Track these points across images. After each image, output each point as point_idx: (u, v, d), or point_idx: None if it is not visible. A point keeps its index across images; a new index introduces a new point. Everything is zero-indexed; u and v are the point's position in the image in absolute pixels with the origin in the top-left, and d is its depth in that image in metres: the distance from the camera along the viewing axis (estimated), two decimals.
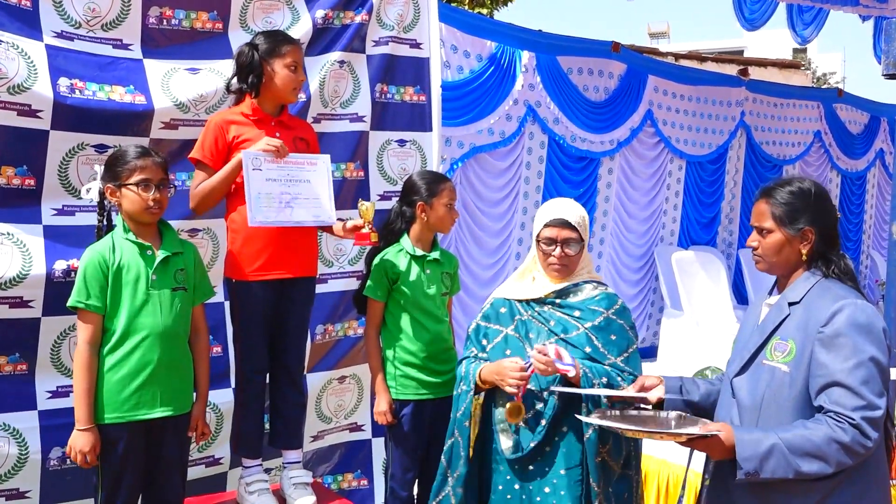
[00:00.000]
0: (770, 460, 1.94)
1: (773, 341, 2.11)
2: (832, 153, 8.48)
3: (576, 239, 2.54)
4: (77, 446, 2.52)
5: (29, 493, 3.09)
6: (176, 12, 3.36)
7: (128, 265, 2.57)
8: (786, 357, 2.06)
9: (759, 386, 2.10)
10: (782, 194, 2.15)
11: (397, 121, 3.88)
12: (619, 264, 6.82)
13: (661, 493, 3.81)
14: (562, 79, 6.07)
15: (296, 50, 3.00)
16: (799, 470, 1.94)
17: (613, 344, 2.52)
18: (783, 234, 2.14)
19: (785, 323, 2.11)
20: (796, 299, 2.11)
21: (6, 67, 2.93)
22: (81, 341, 2.54)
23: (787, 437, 1.95)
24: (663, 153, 6.98)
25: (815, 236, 2.12)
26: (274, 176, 2.84)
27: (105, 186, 2.62)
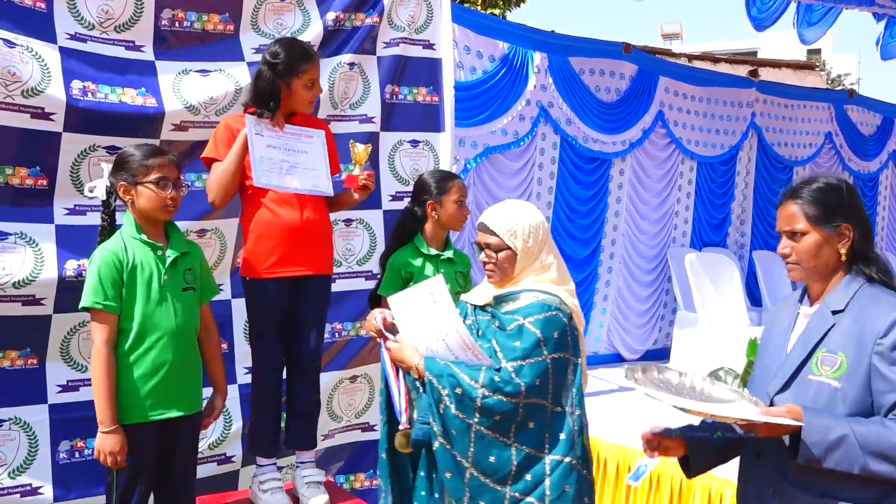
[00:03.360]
0: (837, 451, 1.79)
1: (819, 354, 1.92)
2: (843, 154, 8.37)
3: (497, 244, 2.33)
4: (105, 448, 2.47)
5: (42, 490, 3.09)
6: (188, 14, 3.34)
7: (141, 265, 2.53)
8: (836, 371, 1.88)
9: (805, 403, 1.90)
10: (812, 192, 1.98)
11: (409, 121, 3.84)
12: (632, 265, 6.75)
13: (675, 496, 3.75)
14: (574, 79, 6.02)
15: (314, 67, 2.93)
16: (866, 468, 1.78)
17: (512, 349, 2.24)
18: (819, 234, 1.96)
19: (831, 333, 1.92)
20: (840, 307, 1.93)
21: (20, 71, 2.93)
22: (99, 342, 2.48)
23: (862, 430, 1.79)
24: (675, 154, 6.91)
25: (854, 233, 1.95)
26: (274, 143, 2.84)
27: (119, 184, 2.57)
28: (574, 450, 2.25)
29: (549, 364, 2.23)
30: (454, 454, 2.21)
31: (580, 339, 2.35)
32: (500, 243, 2.32)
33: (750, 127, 7.44)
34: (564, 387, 2.27)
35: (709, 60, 9.25)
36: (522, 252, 2.32)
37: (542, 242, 2.35)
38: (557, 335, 2.24)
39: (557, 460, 2.22)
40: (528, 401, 2.20)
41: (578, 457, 2.25)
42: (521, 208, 2.38)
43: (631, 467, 3.95)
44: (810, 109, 8.01)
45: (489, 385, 2.18)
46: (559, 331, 2.25)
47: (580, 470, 2.25)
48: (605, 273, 6.58)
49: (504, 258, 2.33)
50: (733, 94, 7.25)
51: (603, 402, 5.13)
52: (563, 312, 2.28)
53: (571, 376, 2.28)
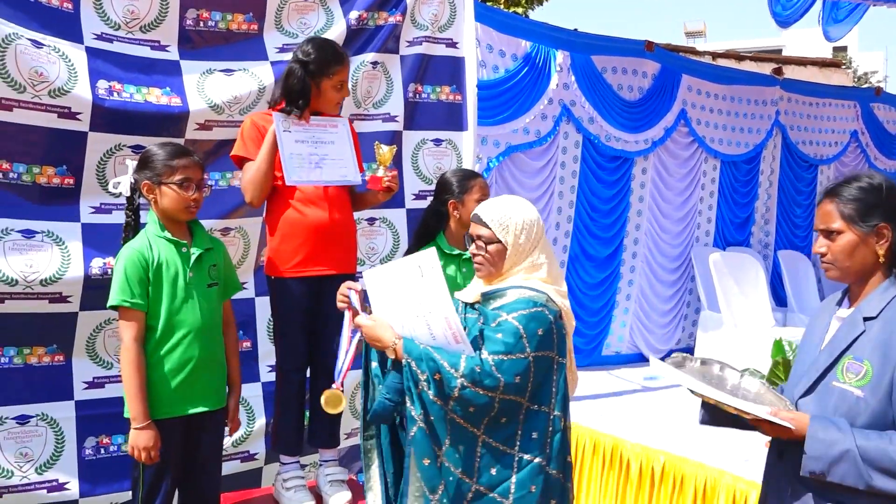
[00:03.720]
0: (840, 465, 1.77)
1: (846, 361, 1.88)
2: (869, 153, 8.24)
3: (488, 237, 2.26)
4: (139, 444, 2.48)
5: (68, 485, 3.11)
6: (212, 14, 3.35)
7: (166, 262, 2.54)
8: (860, 380, 1.84)
9: (827, 410, 1.88)
10: (850, 191, 1.93)
11: (433, 120, 3.84)
12: (655, 265, 6.69)
13: (699, 497, 3.71)
14: (596, 78, 5.97)
15: (344, 69, 2.94)
16: (870, 483, 1.76)
17: (494, 342, 2.16)
18: (855, 234, 1.90)
19: (859, 340, 1.87)
20: (873, 314, 1.87)
21: (47, 71, 2.96)
22: (128, 339, 2.49)
23: (866, 446, 1.76)
24: (697, 153, 6.84)
25: (893, 233, 1.89)
26: (301, 138, 2.84)
27: (142, 183, 2.58)
28: (546, 451, 2.19)
29: (532, 361, 2.15)
30: (431, 441, 2.15)
31: (568, 339, 2.28)
32: (492, 236, 2.25)
33: (774, 125, 7.34)
34: (545, 386, 2.20)
35: (733, 58, 9.16)
36: (513, 247, 2.25)
37: (534, 240, 2.28)
38: (542, 332, 2.17)
39: (527, 459, 2.17)
40: (504, 396, 2.13)
41: (551, 458, 2.20)
42: (516, 204, 2.32)
43: (655, 468, 3.91)
44: (835, 108, 7.90)
45: (469, 375, 2.11)
46: (544, 328, 2.18)
47: (550, 472, 2.19)
48: (628, 272, 6.53)
49: (494, 252, 2.26)
50: (757, 92, 7.16)
51: (625, 402, 5.09)
52: (549, 310, 2.20)
53: (555, 376, 2.22)
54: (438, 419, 2.15)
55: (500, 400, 2.14)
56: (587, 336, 6.25)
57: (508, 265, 2.26)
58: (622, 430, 4.29)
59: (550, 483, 2.19)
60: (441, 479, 2.16)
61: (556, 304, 2.24)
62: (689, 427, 4.29)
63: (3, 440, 3.00)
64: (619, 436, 4.20)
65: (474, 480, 2.16)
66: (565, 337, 2.26)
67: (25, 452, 3.03)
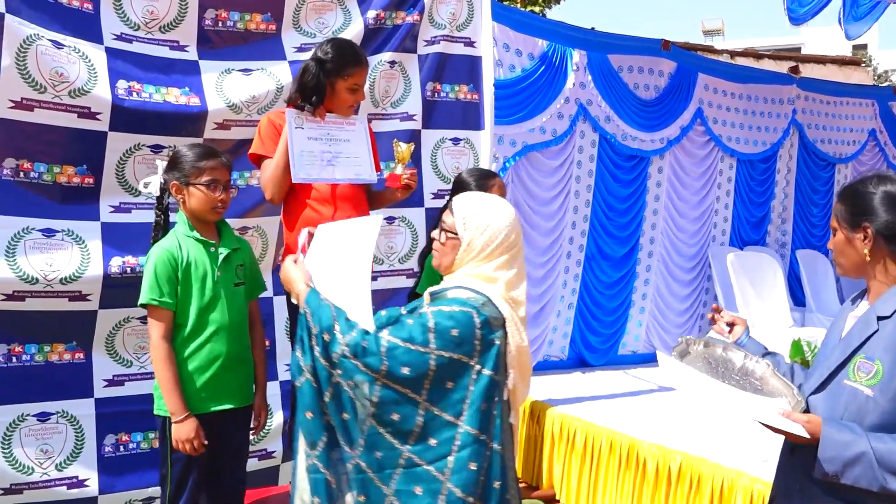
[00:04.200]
0: (855, 468, 1.75)
1: (858, 359, 1.87)
2: (888, 151, 8.14)
3: (450, 226, 2.15)
4: (181, 437, 2.51)
5: (87, 482, 3.13)
6: (231, 14, 3.36)
7: (195, 262, 2.57)
8: (871, 379, 1.82)
9: (837, 408, 1.87)
10: (847, 191, 1.98)
11: (451, 119, 3.83)
12: (671, 264, 6.64)
13: (716, 497, 3.67)
14: (612, 77, 5.93)
15: (360, 72, 2.92)
16: (886, 486, 1.74)
17: (400, 327, 2.02)
18: (843, 233, 1.97)
19: (872, 339, 1.86)
20: (887, 314, 1.86)
21: (68, 72, 2.97)
22: (156, 337, 2.52)
23: (882, 448, 1.74)
24: (714, 151, 6.78)
25: (873, 233, 1.90)
26: (315, 135, 2.80)
27: (171, 183, 2.61)
28: (447, 466, 1.99)
29: (433, 360, 1.97)
30: (317, 395, 2.05)
31: (506, 351, 2.07)
32: (452, 227, 2.14)
33: (791, 124, 7.27)
34: (455, 393, 2.00)
35: (752, 57, 9.08)
36: (466, 246, 2.11)
37: (493, 250, 2.10)
38: (456, 333, 1.98)
39: (423, 469, 2.00)
40: (389, 384, 1.98)
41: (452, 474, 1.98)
42: (492, 208, 2.16)
43: (671, 468, 3.88)
44: (853, 106, 7.81)
45: (352, 346, 1.98)
46: (460, 329, 1.99)
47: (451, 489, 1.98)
48: (644, 272, 6.49)
49: (448, 243, 2.15)
50: (774, 90, 7.10)
51: (642, 402, 5.05)
52: (479, 313, 2.01)
53: (472, 387, 2.00)
54: (324, 379, 2.04)
55: (385, 386, 1.99)
56: (603, 335, 6.22)
57: (458, 262, 2.14)
58: (639, 429, 4.26)
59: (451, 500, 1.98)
60: (322, 436, 2.05)
61: (498, 311, 2.06)
62: (706, 427, 4.26)
63: (24, 437, 3.02)
64: (636, 435, 4.17)
65: (356, 453, 2.03)
66: (497, 347, 2.05)
67: (46, 449, 3.05)
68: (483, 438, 2.01)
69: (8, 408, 3.00)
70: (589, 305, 6.14)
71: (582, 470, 4.38)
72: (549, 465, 4.60)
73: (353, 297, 2.11)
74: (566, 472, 4.48)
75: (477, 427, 2.00)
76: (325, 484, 2.06)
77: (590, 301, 6.14)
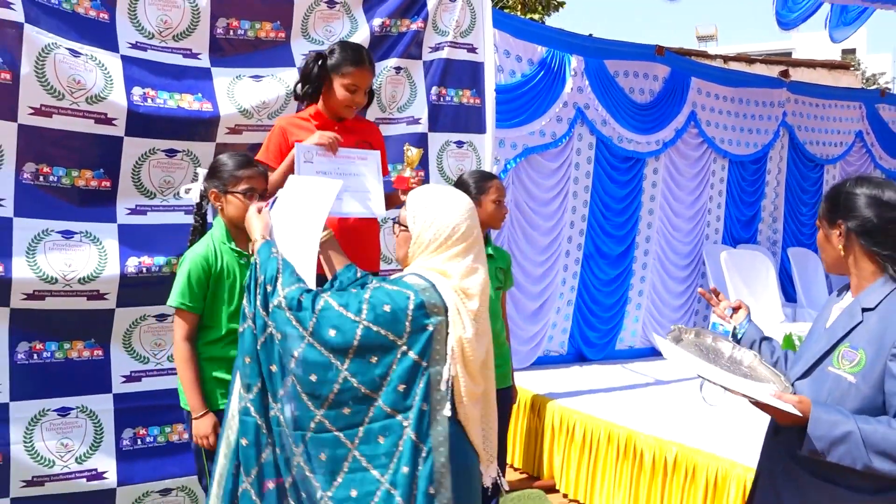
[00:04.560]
0: (841, 446, 1.78)
1: (842, 348, 1.91)
2: (874, 153, 8.12)
3: (402, 219, 2.13)
4: (199, 432, 2.52)
5: (106, 474, 3.12)
6: (242, 23, 3.34)
7: (227, 269, 2.58)
8: (854, 367, 1.86)
9: (821, 393, 1.91)
10: (830, 192, 2.03)
11: (455, 122, 3.81)
12: (667, 262, 6.62)
13: (710, 487, 3.66)
14: (609, 81, 5.91)
15: (359, 74, 2.84)
16: (869, 465, 1.77)
17: (341, 294, 2.00)
18: (823, 230, 2.02)
19: (856, 330, 1.90)
20: (871, 306, 1.89)
21: (85, 79, 2.96)
22: (179, 338, 2.54)
23: (867, 429, 1.77)
24: (707, 153, 6.76)
25: (846, 228, 1.94)
26: (324, 169, 2.72)
27: (210, 191, 2.62)
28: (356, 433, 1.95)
29: (360, 330, 1.92)
30: (255, 342, 2.04)
31: (445, 340, 1.99)
32: (404, 220, 2.12)
33: (781, 126, 7.25)
34: (371, 368, 1.94)
35: (744, 61, 9.06)
36: (416, 237, 2.07)
37: (442, 241, 2.05)
38: (388, 309, 1.93)
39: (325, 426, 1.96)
40: (316, 345, 1.94)
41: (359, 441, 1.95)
42: (439, 200, 2.10)
43: (667, 458, 3.87)
44: (841, 108, 7.79)
45: (289, 298, 1.96)
46: (393, 307, 1.94)
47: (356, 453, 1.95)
48: (640, 269, 6.47)
49: (401, 236, 2.14)
50: (764, 94, 7.08)
51: (639, 395, 5.03)
52: (416, 296, 1.96)
53: (394, 366, 1.94)
54: (259, 328, 2.03)
55: (310, 345, 1.95)
56: (601, 331, 6.21)
57: (411, 255, 2.11)
58: (636, 421, 4.24)
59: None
60: (258, 381, 2.04)
61: (440, 298, 1.99)
62: (700, 419, 4.24)
63: (45, 431, 3.01)
64: (633, 427, 4.16)
65: (277, 406, 2.00)
66: (428, 332, 1.97)
67: (66, 443, 3.05)
68: (398, 418, 1.95)
69: (29, 403, 3.00)
70: (587, 302, 6.12)
71: (581, 461, 4.37)
72: (550, 456, 4.59)
73: (302, 255, 2.12)
74: (566, 463, 4.47)
75: (391, 405, 1.95)
76: (255, 427, 2.05)
77: (588, 298, 6.12)
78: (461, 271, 2.04)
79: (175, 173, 3.18)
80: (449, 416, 1.98)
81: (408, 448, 1.94)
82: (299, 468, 2.00)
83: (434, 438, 1.96)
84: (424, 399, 1.96)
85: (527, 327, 5.63)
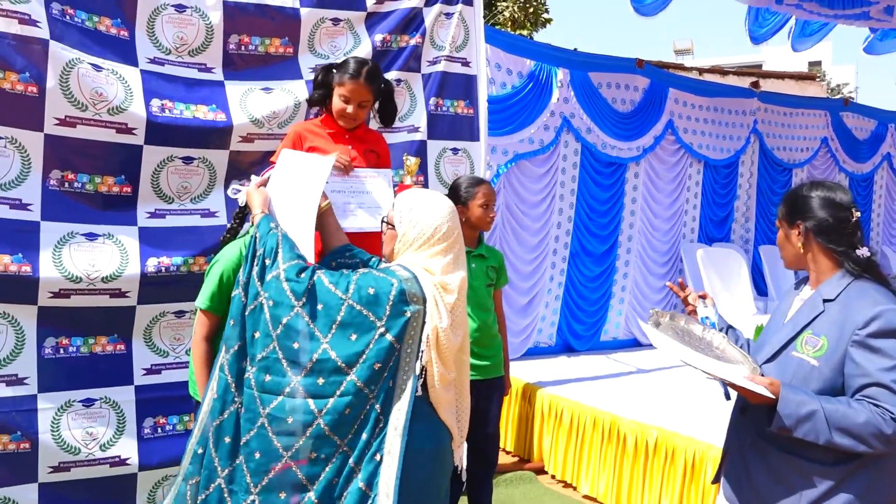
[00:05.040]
0: (807, 423, 1.85)
1: (805, 335, 1.97)
2: (839, 157, 8.18)
3: (389, 219, 2.19)
4: None
5: (129, 460, 3.13)
6: (252, 39, 3.35)
7: None
8: (817, 352, 1.94)
9: (785, 375, 1.97)
10: (786, 196, 2.11)
11: (451, 131, 3.82)
12: (647, 259, 6.67)
13: (688, 467, 3.70)
14: (593, 92, 5.95)
15: (352, 85, 2.78)
16: (830, 440, 1.84)
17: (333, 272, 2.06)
18: (782, 230, 2.10)
19: (818, 319, 1.97)
20: (831, 297, 1.97)
21: (107, 92, 2.97)
22: (198, 337, 2.44)
23: (830, 408, 1.85)
24: (683, 158, 6.81)
25: (804, 228, 2.02)
26: (339, 188, 2.74)
27: None
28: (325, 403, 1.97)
29: (344, 307, 1.98)
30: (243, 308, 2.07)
31: (413, 325, 2.02)
32: (391, 219, 2.17)
33: (752, 133, 7.30)
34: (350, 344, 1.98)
35: (718, 73, 9.11)
36: (401, 235, 2.14)
37: (425, 239, 2.10)
38: (372, 292, 1.99)
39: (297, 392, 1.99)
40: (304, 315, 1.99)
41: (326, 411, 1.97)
42: (424, 202, 2.15)
43: (648, 441, 3.90)
44: (808, 117, 7.84)
45: (287, 271, 2.00)
46: (376, 290, 1.99)
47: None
48: (623, 266, 6.51)
49: (389, 233, 2.19)
50: (737, 103, 7.13)
51: (622, 383, 5.07)
52: (399, 284, 2.01)
53: (371, 345, 1.98)
54: (251, 296, 2.06)
55: (298, 315, 2.00)
56: (587, 323, 6.24)
57: (397, 252, 2.16)
58: (619, 407, 4.28)
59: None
60: (237, 343, 2.06)
61: (420, 289, 2.04)
62: (679, 404, 4.28)
63: (71, 420, 3.02)
64: (617, 413, 4.19)
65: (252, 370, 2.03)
66: (407, 319, 2.01)
67: (91, 431, 3.05)
68: (366, 392, 1.98)
69: (56, 394, 3.00)
70: (574, 297, 6.15)
71: (568, 444, 4.40)
72: (539, 441, 4.62)
73: (300, 228, 2.14)
74: (554, 446, 4.50)
75: (364, 380, 1.98)
76: (225, 384, 2.08)
77: (574, 293, 6.15)
78: (441, 267, 2.09)
79: (191, 179, 3.19)
80: (420, 397, 2.05)
81: (371, 419, 2.00)
82: (262, 428, 2.03)
83: (393, 414, 2.01)
84: (392, 377, 2.02)
85: (518, 321, 5.66)
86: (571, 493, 4.30)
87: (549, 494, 4.26)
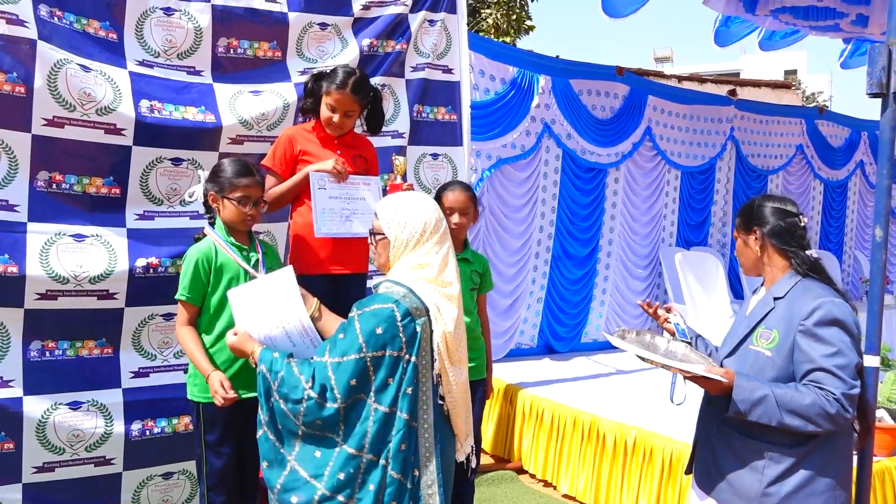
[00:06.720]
0: (759, 407, 2.05)
1: (759, 330, 2.20)
2: (814, 164, 8.32)
3: (376, 228, 2.17)
4: (213, 388, 2.47)
5: (114, 460, 3.11)
6: (241, 42, 3.36)
7: (226, 265, 2.58)
8: (770, 344, 2.15)
9: (744, 367, 2.19)
10: (742, 208, 2.35)
11: (431, 136, 3.86)
12: (627, 262, 6.74)
13: (666, 466, 3.75)
14: (573, 99, 6.01)
15: (337, 95, 2.88)
16: (782, 421, 2.03)
17: (335, 342, 2.02)
18: (740, 238, 2.33)
19: (770, 315, 2.19)
20: (781, 294, 2.20)
21: (95, 92, 2.96)
22: (179, 324, 2.59)
23: (779, 392, 2.05)
24: (661, 164, 6.89)
25: (760, 234, 2.25)
26: (336, 194, 2.86)
27: (209, 193, 2.63)
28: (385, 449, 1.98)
29: (368, 360, 1.97)
30: (278, 446, 2.03)
31: (424, 337, 2.03)
32: (378, 228, 2.15)
33: (728, 139, 7.40)
34: (386, 385, 1.99)
35: (696, 81, 9.22)
36: (394, 241, 2.11)
37: (418, 239, 2.10)
38: (381, 330, 1.97)
39: (371, 460, 1.98)
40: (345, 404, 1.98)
41: (390, 459, 1.98)
42: (410, 202, 2.15)
43: (627, 441, 3.95)
44: (783, 124, 7.97)
45: (317, 391, 1.97)
46: (383, 326, 1.97)
47: (391, 472, 1.97)
48: (604, 269, 6.58)
49: (380, 243, 2.16)
50: (714, 111, 7.22)
51: (602, 384, 5.13)
52: (399, 306, 1.99)
53: (402, 375, 1.99)
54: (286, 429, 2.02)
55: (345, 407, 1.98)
56: (568, 325, 6.29)
57: (392, 258, 2.14)
58: (599, 408, 4.33)
59: (393, 485, 1.98)
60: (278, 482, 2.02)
61: (419, 300, 2.03)
62: (657, 405, 4.34)
63: (57, 423, 2.98)
64: (596, 413, 4.24)
65: (323, 484, 1.98)
66: (419, 335, 2.01)
67: (77, 434, 3.02)
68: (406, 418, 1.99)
69: (42, 397, 2.97)
70: (555, 299, 6.20)
71: (549, 444, 4.44)
72: (520, 441, 4.66)
73: (303, 336, 2.17)
74: (534, 446, 4.54)
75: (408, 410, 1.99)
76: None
77: (556, 295, 6.20)
78: (439, 261, 2.10)
79: (181, 181, 3.18)
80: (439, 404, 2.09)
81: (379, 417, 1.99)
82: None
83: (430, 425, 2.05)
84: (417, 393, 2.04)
85: (500, 322, 5.69)
86: (551, 493, 4.34)
87: (530, 493, 4.30)
